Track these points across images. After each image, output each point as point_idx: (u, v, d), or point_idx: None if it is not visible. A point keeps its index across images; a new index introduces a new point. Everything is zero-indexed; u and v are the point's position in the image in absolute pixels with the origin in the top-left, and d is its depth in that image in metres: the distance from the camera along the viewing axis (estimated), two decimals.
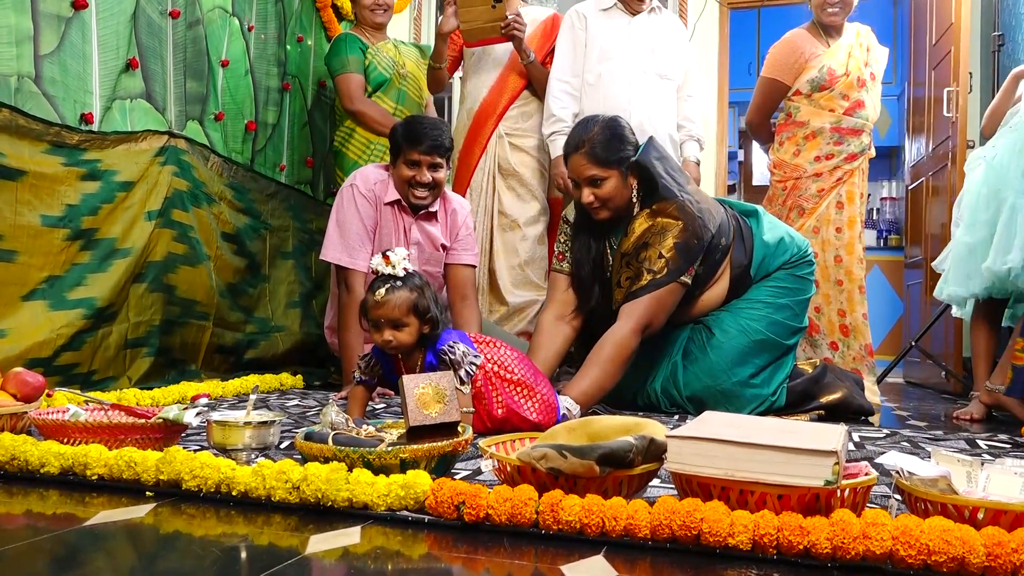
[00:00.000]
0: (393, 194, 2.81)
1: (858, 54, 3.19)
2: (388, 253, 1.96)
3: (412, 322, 1.93)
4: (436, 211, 2.87)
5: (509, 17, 3.20)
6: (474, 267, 2.97)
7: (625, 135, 2.49)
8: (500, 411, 2.02)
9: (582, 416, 2.21)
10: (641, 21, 3.22)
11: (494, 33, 3.25)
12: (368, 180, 2.84)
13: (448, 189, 2.99)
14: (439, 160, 2.75)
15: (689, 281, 2.45)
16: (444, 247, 2.90)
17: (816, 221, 3.17)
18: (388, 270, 1.94)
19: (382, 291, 1.92)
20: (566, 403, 2.20)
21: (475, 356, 2.00)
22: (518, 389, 2.07)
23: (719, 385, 2.52)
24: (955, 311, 3.10)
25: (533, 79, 3.42)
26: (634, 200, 2.49)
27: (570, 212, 2.68)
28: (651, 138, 2.58)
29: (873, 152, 3.32)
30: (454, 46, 3.49)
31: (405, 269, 1.96)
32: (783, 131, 3.28)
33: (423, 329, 1.96)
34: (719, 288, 2.62)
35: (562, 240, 2.67)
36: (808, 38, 3.23)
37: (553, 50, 3.40)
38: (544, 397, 2.11)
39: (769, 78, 3.30)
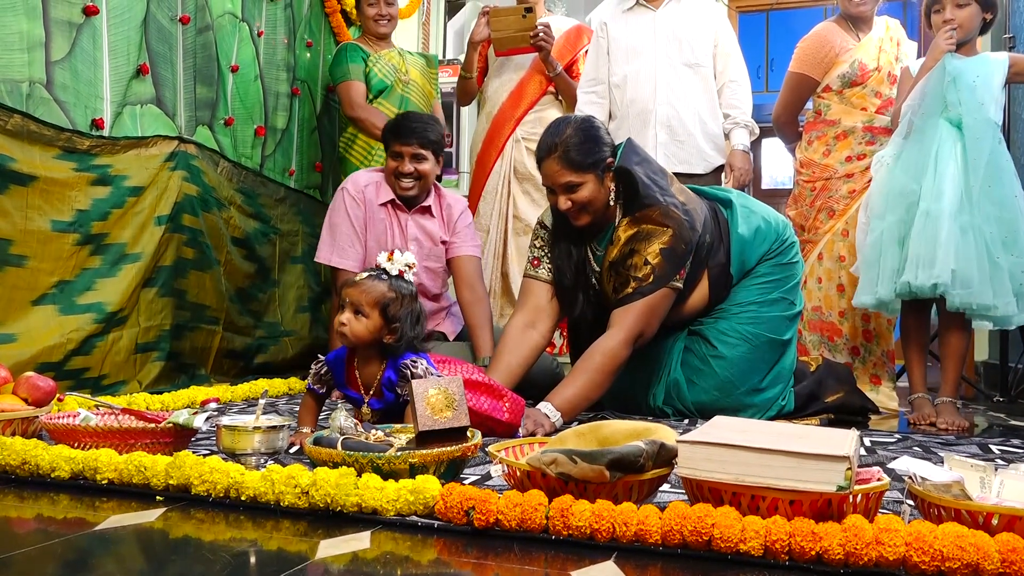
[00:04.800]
0: (386, 195, 2.84)
1: (888, 48, 3.10)
2: (395, 251, 1.94)
3: (373, 317, 1.86)
4: (430, 206, 2.88)
5: (538, 28, 3.22)
6: (478, 258, 2.96)
7: (600, 136, 2.37)
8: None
9: (563, 425, 2.16)
10: (666, 13, 3.18)
11: (524, 43, 3.30)
12: (358, 183, 2.88)
13: (458, 191, 3.00)
14: (421, 152, 2.76)
15: (680, 285, 2.37)
16: (443, 242, 2.91)
17: (845, 224, 3.07)
18: (385, 264, 1.92)
19: (363, 275, 1.91)
20: (546, 410, 2.15)
21: (437, 375, 1.93)
22: (484, 392, 2.05)
23: (729, 398, 2.47)
24: (874, 310, 2.88)
25: (560, 91, 3.46)
26: (612, 203, 2.40)
27: (546, 217, 2.57)
28: (630, 140, 2.50)
29: None
30: (480, 56, 3.51)
31: (401, 272, 1.92)
32: (812, 130, 3.18)
33: (383, 334, 1.88)
34: (701, 290, 2.53)
35: (537, 245, 2.56)
36: (838, 31, 3.13)
37: (576, 59, 3.43)
38: (513, 397, 2.10)
39: (798, 73, 3.18)
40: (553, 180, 2.36)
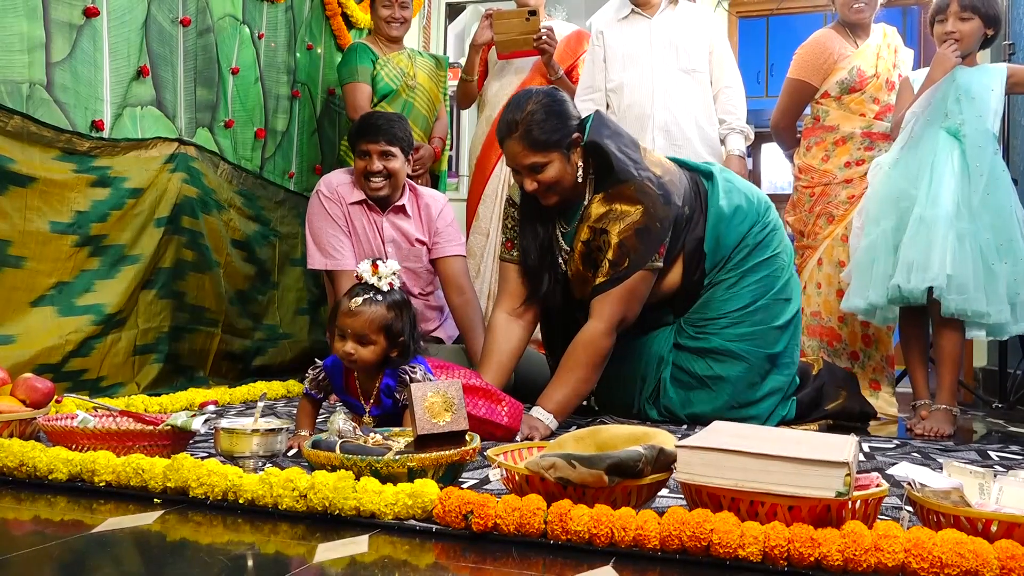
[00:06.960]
0: (358, 194, 2.83)
1: (886, 55, 3.11)
2: (378, 262, 1.87)
3: (379, 341, 1.83)
4: (404, 205, 2.87)
5: (542, 31, 3.23)
6: (464, 257, 2.95)
7: (565, 110, 2.22)
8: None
9: (558, 428, 2.15)
10: (662, 20, 3.20)
11: (526, 46, 3.31)
12: (331, 183, 2.88)
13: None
14: (388, 149, 2.75)
15: (660, 264, 2.28)
16: (422, 242, 2.89)
17: (845, 229, 3.05)
18: (372, 280, 1.85)
19: (359, 300, 1.83)
20: (539, 414, 2.13)
21: (434, 380, 1.91)
22: (482, 397, 2.04)
23: (728, 413, 2.41)
24: (863, 317, 2.90)
25: None
26: (580, 179, 2.29)
27: (515, 193, 2.45)
28: (598, 112, 2.39)
29: None
30: (481, 59, 3.52)
31: (391, 284, 1.86)
32: (811, 135, 3.19)
33: (390, 352, 1.86)
34: (677, 267, 2.42)
35: (509, 226, 2.45)
36: (836, 38, 3.14)
37: (577, 64, 3.44)
38: (511, 401, 2.08)
39: (797, 79, 3.19)
40: (516, 161, 2.22)
